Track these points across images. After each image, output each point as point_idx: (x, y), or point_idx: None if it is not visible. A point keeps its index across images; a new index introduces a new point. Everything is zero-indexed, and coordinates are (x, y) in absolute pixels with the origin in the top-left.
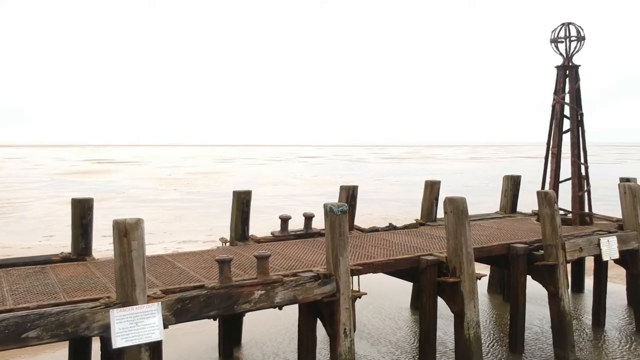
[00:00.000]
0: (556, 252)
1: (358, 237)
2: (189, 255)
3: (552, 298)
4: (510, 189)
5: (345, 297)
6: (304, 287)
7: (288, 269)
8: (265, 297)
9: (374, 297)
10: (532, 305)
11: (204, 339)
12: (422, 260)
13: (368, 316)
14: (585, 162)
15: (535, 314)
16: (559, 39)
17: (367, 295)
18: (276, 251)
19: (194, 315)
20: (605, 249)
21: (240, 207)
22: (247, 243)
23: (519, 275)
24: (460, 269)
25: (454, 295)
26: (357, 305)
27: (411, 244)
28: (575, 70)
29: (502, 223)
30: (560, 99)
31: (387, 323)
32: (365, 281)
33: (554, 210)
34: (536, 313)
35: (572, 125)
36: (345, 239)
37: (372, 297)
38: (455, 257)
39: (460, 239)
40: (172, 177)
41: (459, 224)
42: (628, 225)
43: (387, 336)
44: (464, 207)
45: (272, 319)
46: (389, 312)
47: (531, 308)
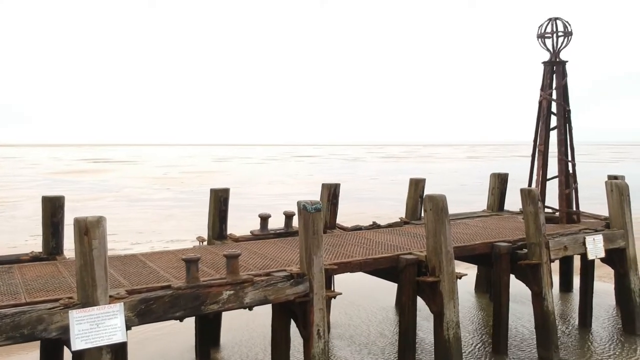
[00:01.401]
0: (540, 250)
1: (339, 236)
2: (162, 254)
3: (536, 298)
4: (497, 186)
5: (318, 298)
6: (275, 287)
7: (262, 268)
8: (235, 298)
9: (359, 297)
10: (519, 305)
11: (180, 340)
12: (402, 259)
13: (351, 315)
14: (573, 159)
15: (523, 314)
16: (545, 34)
17: (352, 294)
18: (253, 250)
19: (159, 317)
20: (590, 248)
21: (217, 206)
22: (224, 242)
23: (502, 274)
24: (440, 268)
25: (433, 295)
26: (341, 305)
27: (393, 243)
28: (562, 66)
29: (488, 221)
30: (547, 95)
31: (369, 323)
32: (351, 281)
33: (537, 208)
34: (523, 312)
35: (559, 122)
36: (319, 237)
37: (358, 296)
38: (434, 256)
39: (440, 237)
40: (166, 176)
41: (439, 222)
42: (615, 223)
43: (367, 336)
44: (443, 205)
45: (254, 318)
46: (373, 311)
47: (517, 307)
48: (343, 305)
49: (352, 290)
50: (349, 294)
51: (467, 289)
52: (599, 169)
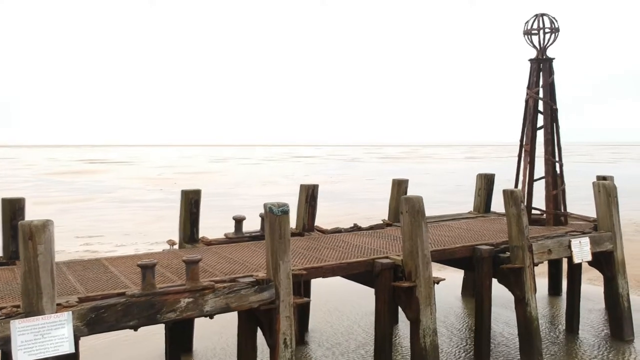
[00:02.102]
0: (522, 254)
1: (317, 239)
2: (127, 259)
3: (519, 303)
4: (483, 187)
5: (285, 305)
6: (238, 295)
7: (229, 273)
8: (194, 306)
9: (342, 302)
10: (504, 310)
11: (150, 346)
12: (377, 263)
13: (332, 322)
14: (560, 159)
15: (509, 318)
16: (531, 31)
17: (334, 299)
18: (223, 254)
19: (111, 326)
20: (576, 251)
21: (188, 208)
22: (195, 245)
23: (484, 278)
24: (416, 273)
25: (409, 301)
26: (322, 311)
27: (371, 246)
28: (549, 64)
29: (473, 223)
30: (534, 93)
31: (350, 329)
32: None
33: (520, 210)
34: (510, 317)
35: (546, 122)
36: (286, 241)
37: (340, 301)
38: (410, 260)
39: (416, 240)
40: (161, 177)
41: (415, 224)
42: (602, 225)
43: (347, 344)
44: (420, 207)
45: (230, 324)
46: (355, 317)
47: (503, 312)
48: (324, 310)
49: (334, 295)
50: (331, 298)
51: (454, 292)
52: (596, 170)
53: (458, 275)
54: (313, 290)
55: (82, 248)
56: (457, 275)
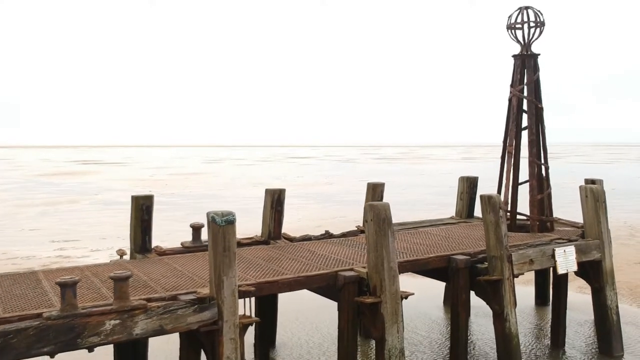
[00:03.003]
0: (501, 265)
1: (281, 248)
2: (67, 271)
3: (497, 318)
4: (466, 191)
5: (230, 326)
6: (174, 315)
7: (173, 289)
8: (121, 328)
9: (313, 315)
10: (486, 320)
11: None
12: (340, 276)
13: (300, 337)
14: (546, 162)
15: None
16: (515, 24)
17: (307, 312)
18: (174, 266)
19: (21, 353)
20: (560, 261)
21: (139, 215)
22: (147, 256)
23: (460, 291)
24: (382, 288)
25: (373, 318)
26: (293, 325)
27: (338, 256)
28: (534, 60)
29: (453, 230)
30: (518, 91)
31: (320, 345)
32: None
33: (498, 217)
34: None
35: (530, 121)
36: (231, 254)
37: (311, 314)
38: (375, 274)
39: (382, 252)
40: (152, 178)
41: (380, 234)
42: (589, 232)
43: (314, 359)
44: (386, 215)
45: None
46: (326, 331)
47: (485, 323)
48: (294, 324)
49: (306, 308)
50: (302, 311)
51: (436, 303)
52: (593, 170)
53: (440, 284)
54: (283, 302)
55: (54, 253)
56: (439, 284)
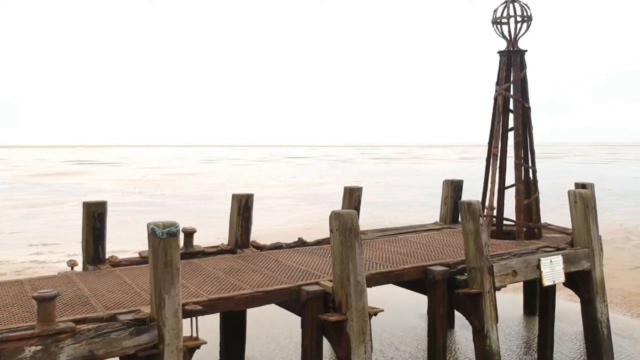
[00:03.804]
0: (481, 277)
1: (246, 258)
2: (6, 285)
3: (477, 334)
4: (450, 195)
5: (172, 350)
6: (107, 339)
7: (115, 307)
8: (44, 355)
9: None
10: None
11: None
12: (303, 291)
13: (270, 354)
14: (533, 164)
15: None
16: (501, 19)
17: (279, 326)
18: (124, 279)
19: None
20: (546, 272)
21: (90, 223)
22: (99, 267)
23: (437, 305)
24: (347, 304)
25: (338, 337)
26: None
27: (307, 267)
28: (520, 56)
29: (435, 237)
30: (503, 90)
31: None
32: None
33: (478, 226)
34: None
35: (516, 122)
36: (174, 270)
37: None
38: (341, 289)
39: (348, 264)
40: (145, 178)
41: (346, 245)
42: (579, 240)
43: None
44: (352, 225)
45: None
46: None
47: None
48: (265, 340)
49: (279, 322)
50: (275, 325)
51: (419, 311)
52: (592, 171)
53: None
54: (254, 317)
55: (30, 258)
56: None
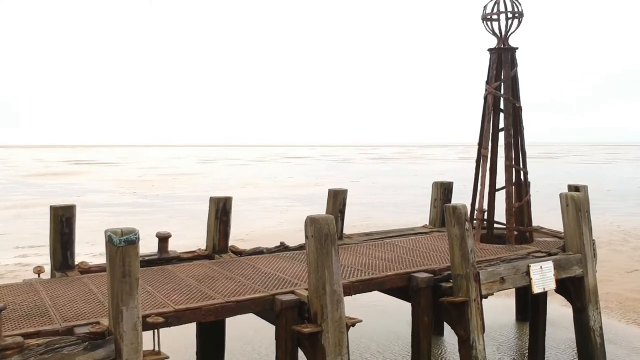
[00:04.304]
0: (467, 285)
1: (222, 264)
2: None
3: (462, 345)
4: (440, 198)
5: None
6: (58, 355)
7: (75, 318)
8: None
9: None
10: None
11: None
12: (277, 300)
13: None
14: (524, 166)
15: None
16: (491, 15)
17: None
18: (91, 287)
19: None
20: (536, 279)
21: (58, 228)
22: (67, 274)
23: (421, 314)
24: (323, 315)
25: (313, 349)
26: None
27: (285, 274)
28: (511, 54)
29: (422, 241)
30: (494, 89)
31: None
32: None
33: (464, 231)
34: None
35: (507, 122)
36: (133, 280)
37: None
38: (316, 298)
39: (324, 273)
40: (140, 179)
41: (322, 252)
42: (570, 245)
43: None
44: (329, 230)
45: None
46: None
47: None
48: (243, 352)
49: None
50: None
51: (407, 318)
52: (590, 171)
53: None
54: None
55: (14, 261)
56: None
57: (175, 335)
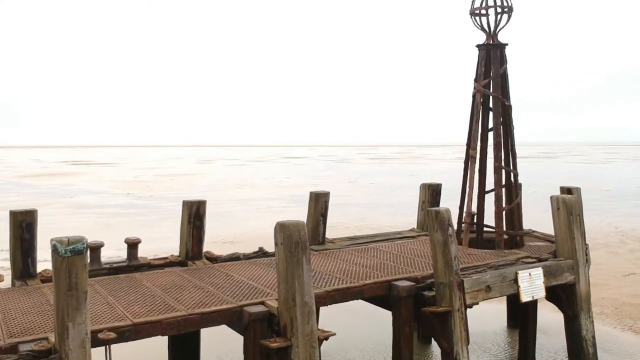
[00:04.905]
0: (450, 294)
1: (193, 272)
2: None
3: (445, 357)
4: (427, 200)
5: None
6: None
7: (23, 333)
8: None
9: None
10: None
11: None
12: (245, 312)
13: None
14: (514, 167)
15: None
16: (480, 10)
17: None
18: (49, 298)
19: None
20: (525, 287)
21: (18, 234)
22: (27, 282)
23: (403, 324)
24: (292, 328)
25: None
26: None
27: (258, 283)
28: (500, 50)
29: (408, 246)
30: (482, 87)
31: None
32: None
33: (447, 236)
34: None
35: (496, 121)
36: (80, 294)
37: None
38: (286, 311)
39: (294, 283)
40: (136, 179)
41: (292, 261)
42: (562, 251)
43: None
44: (300, 237)
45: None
46: None
47: None
48: None
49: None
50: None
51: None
52: (589, 171)
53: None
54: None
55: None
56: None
57: (145, 347)
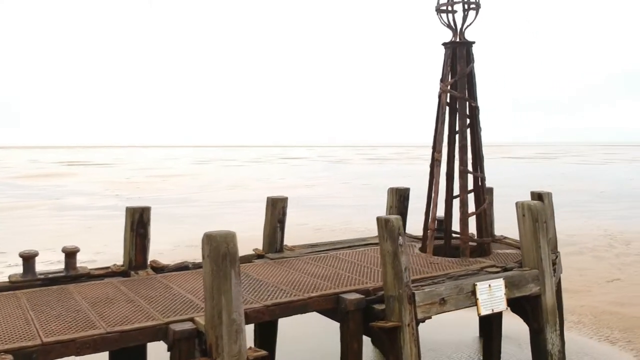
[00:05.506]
0: (399, 307)
1: (130, 284)
2: None
3: None
4: (395, 205)
5: None
6: None
7: None
8: None
9: None
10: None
11: None
12: (171, 330)
13: None
14: (481, 171)
15: None
16: (446, 6)
17: None
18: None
19: None
20: (483, 299)
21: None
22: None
23: (351, 339)
24: (218, 347)
25: None
26: None
27: (197, 297)
28: (467, 49)
29: (370, 253)
30: (446, 86)
31: None
32: None
33: (397, 247)
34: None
35: (461, 123)
36: None
37: None
38: (211, 329)
39: (220, 299)
40: (128, 180)
41: (219, 275)
42: (527, 260)
43: None
44: (229, 249)
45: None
46: None
47: None
48: None
49: None
50: None
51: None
52: (585, 172)
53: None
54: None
55: None
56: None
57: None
